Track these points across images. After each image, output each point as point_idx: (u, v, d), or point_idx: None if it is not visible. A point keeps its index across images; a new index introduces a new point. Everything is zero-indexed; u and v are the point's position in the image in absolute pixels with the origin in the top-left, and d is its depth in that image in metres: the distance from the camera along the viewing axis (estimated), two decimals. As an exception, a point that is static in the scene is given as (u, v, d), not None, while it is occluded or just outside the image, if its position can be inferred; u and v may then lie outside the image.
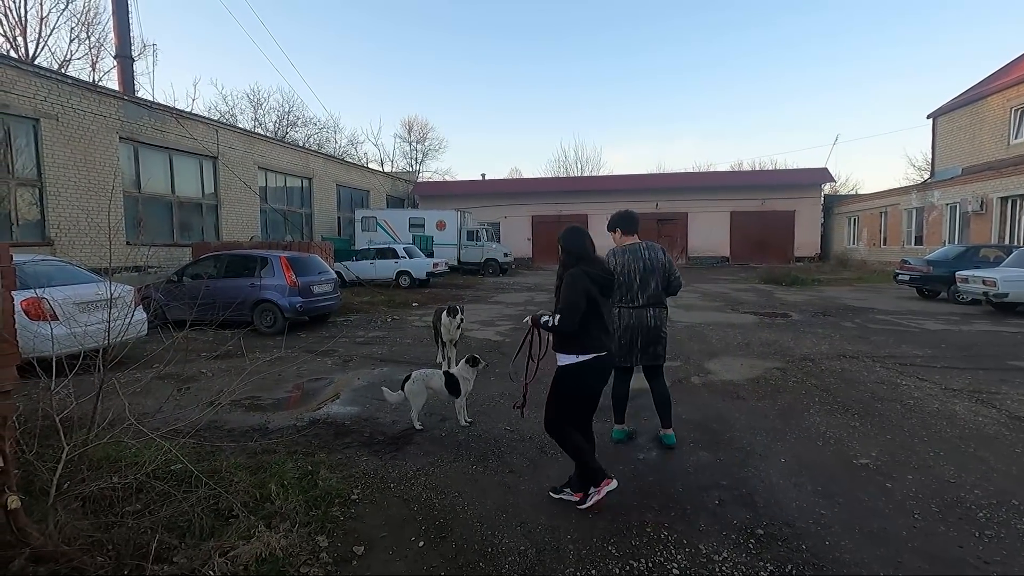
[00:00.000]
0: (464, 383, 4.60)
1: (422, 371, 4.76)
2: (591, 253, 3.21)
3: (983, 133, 20.65)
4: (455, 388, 4.58)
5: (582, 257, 3.17)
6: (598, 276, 3.14)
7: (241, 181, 17.48)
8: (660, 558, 2.72)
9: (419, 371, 4.74)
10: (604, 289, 3.19)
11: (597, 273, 3.14)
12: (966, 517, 3.07)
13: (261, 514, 3.00)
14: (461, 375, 4.62)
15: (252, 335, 8.93)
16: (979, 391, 5.58)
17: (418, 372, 4.72)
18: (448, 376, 4.64)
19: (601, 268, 3.20)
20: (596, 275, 3.13)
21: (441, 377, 4.64)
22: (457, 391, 4.58)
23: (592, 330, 3.13)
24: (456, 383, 4.58)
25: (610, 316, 3.30)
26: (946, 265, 13.32)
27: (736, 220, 29.64)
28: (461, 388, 4.58)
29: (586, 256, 3.18)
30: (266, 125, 35.20)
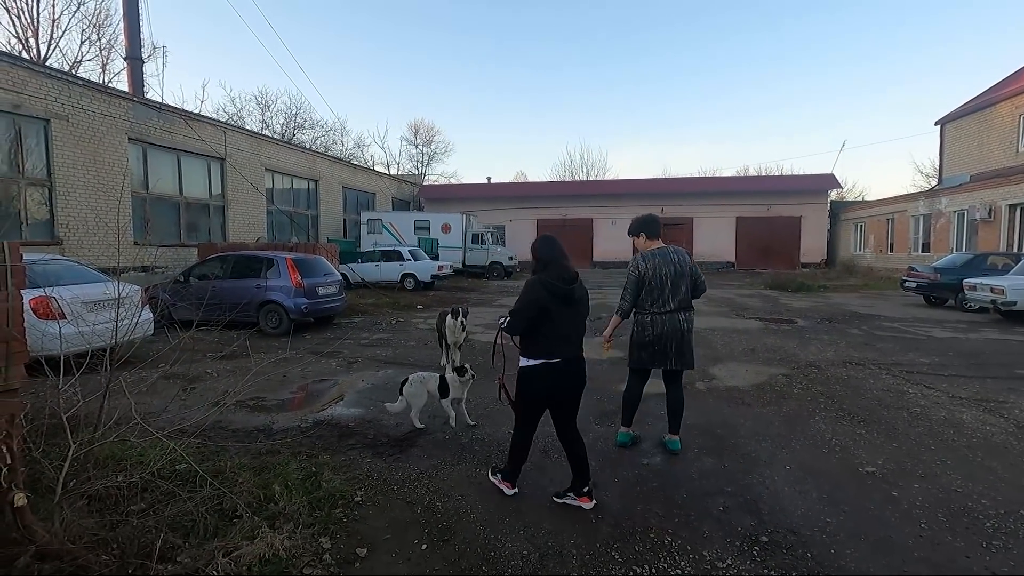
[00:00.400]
0: (453, 388, 4.66)
1: (419, 374, 4.81)
2: (560, 261, 3.25)
3: (991, 140, 20.55)
4: (444, 390, 4.67)
5: (548, 265, 3.23)
6: (554, 286, 3.17)
7: (248, 182, 17.58)
8: (664, 564, 2.70)
9: (416, 374, 4.80)
10: (560, 299, 3.18)
11: (553, 283, 3.17)
12: (973, 527, 3.04)
13: (265, 515, 3.01)
14: (451, 380, 4.71)
15: (257, 336, 8.94)
16: (987, 400, 5.53)
17: (415, 375, 4.77)
18: (442, 378, 4.73)
19: (561, 277, 3.20)
20: (552, 284, 3.17)
21: (437, 380, 4.72)
22: (446, 392, 4.66)
23: (541, 337, 3.19)
24: (447, 386, 4.68)
25: (571, 323, 3.25)
26: (954, 272, 13.24)
27: (742, 225, 29.55)
28: (450, 392, 4.66)
29: (552, 264, 3.23)
30: (273, 127, 35.43)
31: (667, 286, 3.97)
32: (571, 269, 3.27)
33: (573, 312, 3.26)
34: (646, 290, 4.00)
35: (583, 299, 3.32)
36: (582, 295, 3.31)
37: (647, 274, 3.98)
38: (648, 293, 3.98)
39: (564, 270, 3.24)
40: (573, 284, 3.23)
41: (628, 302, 4.09)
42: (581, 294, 3.30)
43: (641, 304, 4.06)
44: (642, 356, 4.10)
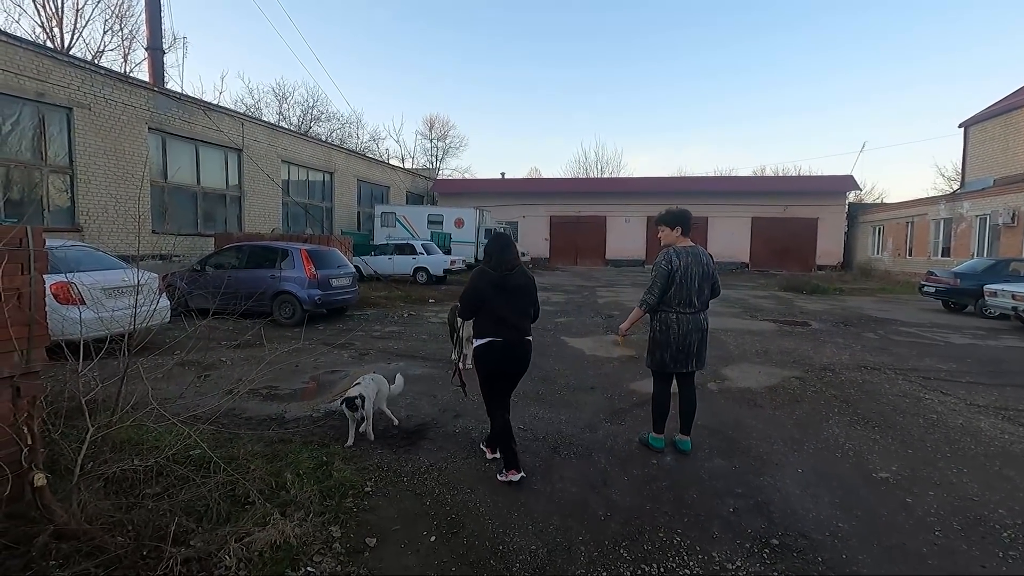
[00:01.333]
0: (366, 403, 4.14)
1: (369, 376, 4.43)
2: (500, 254, 3.62)
3: (1017, 144, 20.11)
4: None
5: (491, 257, 3.64)
6: (488, 274, 3.59)
7: (264, 174, 17.72)
8: (672, 563, 2.69)
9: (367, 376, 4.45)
10: (496, 286, 3.56)
11: (488, 271, 3.60)
12: (990, 536, 2.99)
13: (276, 502, 3.04)
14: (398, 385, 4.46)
15: (271, 326, 9.03)
16: (1006, 408, 5.43)
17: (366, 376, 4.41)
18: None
19: (498, 267, 3.59)
20: (487, 273, 3.60)
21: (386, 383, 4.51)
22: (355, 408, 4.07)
23: (483, 320, 3.62)
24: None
25: (507, 308, 3.57)
26: (974, 278, 12.99)
27: (757, 226, 29.25)
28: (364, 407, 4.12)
29: (494, 256, 3.63)
30: (290, 119, 35.67)
31: (695, 286, 3.90)
32: (511, 261, 3.62)
33: (508, 297, 3.59)
34: (675, 287, 3.90)
35: (522, 287, 3.64)
36: (521, 283, 3.63)
37: (679, 271, 3.88)
38: (677, 291, 3.89)
39: (502, 262, 3.61)
40: (508, 272, 3.58)
41: (655, 296, 3.94)
42: (519, 282, 3.62)
43: (667, 301, 3.95)
44: (664, 358, 3.98)
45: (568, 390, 5.82)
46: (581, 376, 6.42)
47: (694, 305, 3.92)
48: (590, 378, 6.34)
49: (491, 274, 3.58)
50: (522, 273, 3.67)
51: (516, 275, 3.62)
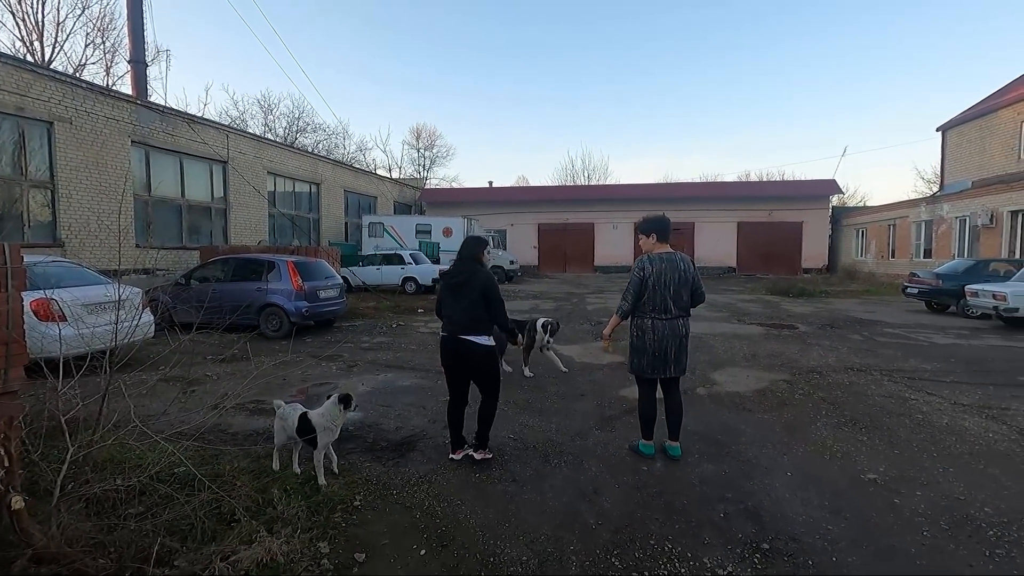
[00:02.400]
0: (324, 433, 3.53)
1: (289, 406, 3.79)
2: (459, 256, 4.09)
3: (993, 146, 20.55)
4: (309, 434, 3.54)
5: (461, 259, 4.06)
6: (448, 276, 4.08)
7: (250, 186, 17.60)
8: (663, 571, 2.69)
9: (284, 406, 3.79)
10: (448, 287, 4.02)
11: (444, 273, 4.19)
12: (976, 535, 3.02)
13: (263, 519, 2.99)
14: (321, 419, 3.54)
15: (258, 339, 8.94)
16: (989, 407, 5.51)
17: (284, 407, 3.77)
18: (303, 420, 3.60)
19: (457, 270, 4.02)
20: (448, 275, 4.09)
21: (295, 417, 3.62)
22: (313, 440, 3.54)
23: (442, 316, 4.07)
24: (309, 428, 3.54)
25: (452, 306, 3.95)
26: (955, 279, 13.21)
27: (743, 230, 29.54)
28: (319, 439, 3.53)
29: (463, 258, 4.04)
30: (276, 130, 35.53)
31: (670, 292, 3.92)
32: (462, 264, 4.00)
33: (456, 298, 3.93)
34: (648, 293, 3.93)
35: (466, 287, 3.89)
36: (465, 283, 3.90)
37: (651, 277, 3.92)
38: (651, 296, 3.92)
39: (455, 264, 4.07)
40: (455, 277, 3.97)
41: (628, 303, 4.00)
42: (462, 282, 3.91)
43: (642, 307, 3.98)
44: (642, 363, 4.02)
45: (558, 398, 5.81)
46: (571, 384, 6.42)
47: (670, 311, 3.94)
48: (580, 385, 6.34)
49: (444, 276, 4.16)
50: (476, 275, 3.91)
51: (462, 277, 3.93)
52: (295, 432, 3.60)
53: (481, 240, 4.15)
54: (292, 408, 3.74)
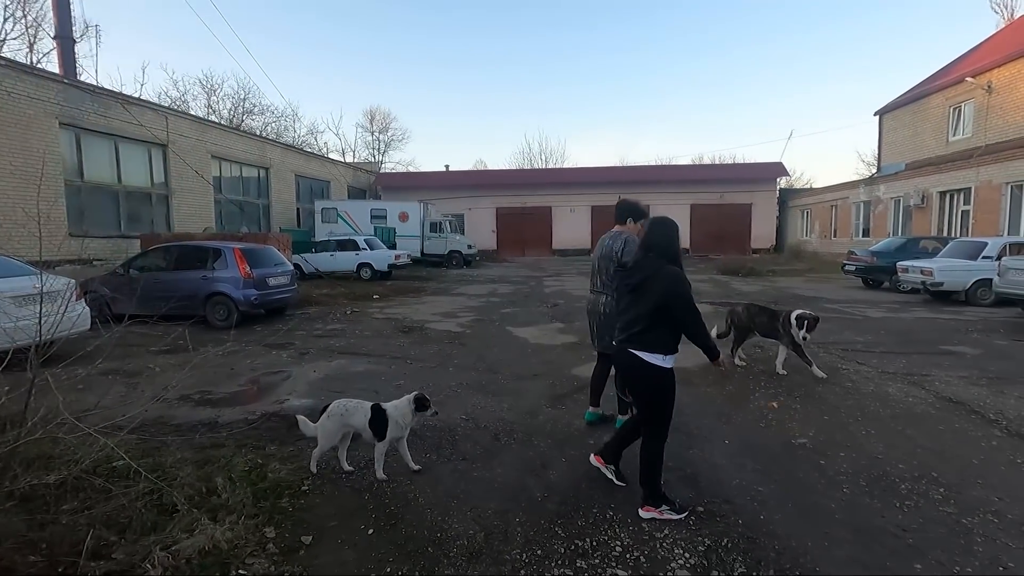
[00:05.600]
0: (394, 427, 3.48)
1: (342, 402, 3.59)
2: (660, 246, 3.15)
3: (925, 130, 21.69)
4: (381, 428, 3.47)
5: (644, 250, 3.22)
6: (624, 273, 3.38)
7: (193, 170, 16.86)
8: (604, 537, 2.81)
9: (339, 402, 3.59)
10: (628, 287, 3.22)
11: (625, 269, 3.45)
12: (890, 490, 3.27)
13: (206, 508, 2.95)
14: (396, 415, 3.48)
15: (204, 329, 8.68)
16: (912, 374, 5.91)
17: (338, 402, 3.58)
18: (377, 412, 3.49)
19: (636, 266, 3.22)
20: (624, 271, 3.42)
21: (367, 412, 3.50)
22: (382, 433, 3.47)
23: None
24: (384, 422, 3.47)
25: (624, 310, 3.25)
26: (889, 256, 14.00)
27: (696, 212, 30.30)
28: (388, 432, 3.47)
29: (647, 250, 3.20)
30: (220, 112, 34.02)
31: (594, 268, 4.26)
32: (644, 258, 3.16)
33: (634, 300, 3.18)
34: (591, 270, 4.31)
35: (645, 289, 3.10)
36: (642, 283, 3.11)
37: (593, 255, 4.29)
38: (591, 274, 4.31)
39: (636, 257, 3.31)
40: (631, 275, 3.20)
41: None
42: (639, 282, 3.13)
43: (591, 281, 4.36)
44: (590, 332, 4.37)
45: (512, 378, 5.90)
46: (525, 364, 6.52)
47: (594, 287, 4.25)
48: (534, 366, 6.44)
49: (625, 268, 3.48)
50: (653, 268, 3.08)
51: (634, 271, 3.20)
52: (368, 424, 3.47)
53: (671, 225, 3.19)
54: (358, 403, 3.59)
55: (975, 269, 11.27)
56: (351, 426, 3.52)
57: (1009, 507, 3.05)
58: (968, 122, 19.48)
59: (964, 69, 19.95)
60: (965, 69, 19.83)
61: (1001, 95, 17.85)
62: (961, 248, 12.32)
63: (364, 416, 3.48)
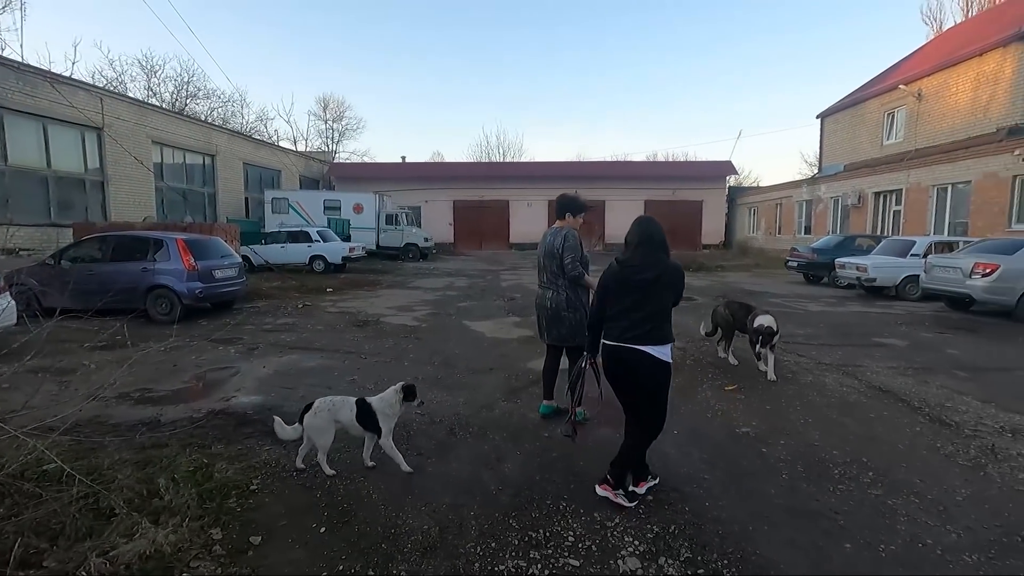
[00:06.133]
0: (384, 419, 3.45)
1: (329, 399, 3.55)
2: (661, 243, 3.18)
3: (862, 134, 22.89)
4: (371, 421, 3.44)
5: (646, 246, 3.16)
6: (630, 269, 3.15)
7: (131, 156, 15.96)
8: (558, 527, 2.86)
9: (325, 399, 3.54)
10: (636, 283, 3.09)
11: (629, 265, 3.16)
12: (824, 474, 3.47)
13: (147, 511, 2.84)
14: (383, 407, 3.47)
15: (145, 323, 8.28)
16: (846, 365, 6.27)
17: (324, 400, 3.52)
18: (362, 406, 3.48)
19: (644, 262, 3.12)
20: (629, 267, 3.16)
21: (352, 407, 3.48)
22: (374, 427, 3.45)
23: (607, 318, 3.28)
24: (372, 415, 3.44)
25: (631, 307, 3.06)
26: (827, 253, 14.73)
27: (650, 208, 30.86)
28: (381, 424, 3.44)
29: (651, 247, 3.17)
30: (161, 95, 32.25)
31: (538, 263, 4.36)
32: (651, 254, 3.11)
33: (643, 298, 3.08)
34: (537, 266, 4.42)
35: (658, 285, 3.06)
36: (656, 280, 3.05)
37: (538, 251, 4.38)
38: (537, 269, 4.41)
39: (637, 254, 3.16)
40: (642, 271, 3.08)
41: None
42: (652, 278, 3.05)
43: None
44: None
45: (467, 372, 5.90)
46: (481, 358, 6.53)
47: (541, 282, 4.34)
48: (490, 360, 6.46)
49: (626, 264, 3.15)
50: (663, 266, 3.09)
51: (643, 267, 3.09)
52: (356, 419, 3.41)
53: (656, 221, 3.28)
54: (342, 399, 3.51)
55: (904, 266, 12.02)
56: (339, 422, 3.47)
57: (929, 488, 3.29)
58: (901, 127, 20.68)
59: (898, 77, 21.14)
60: (899, 77, 21.01)
61: (930, 103, 19.03)
62: (892, 246, 13.10)
63: (350, 411, 3.45)
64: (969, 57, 17.30)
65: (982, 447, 3.91)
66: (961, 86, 17.71)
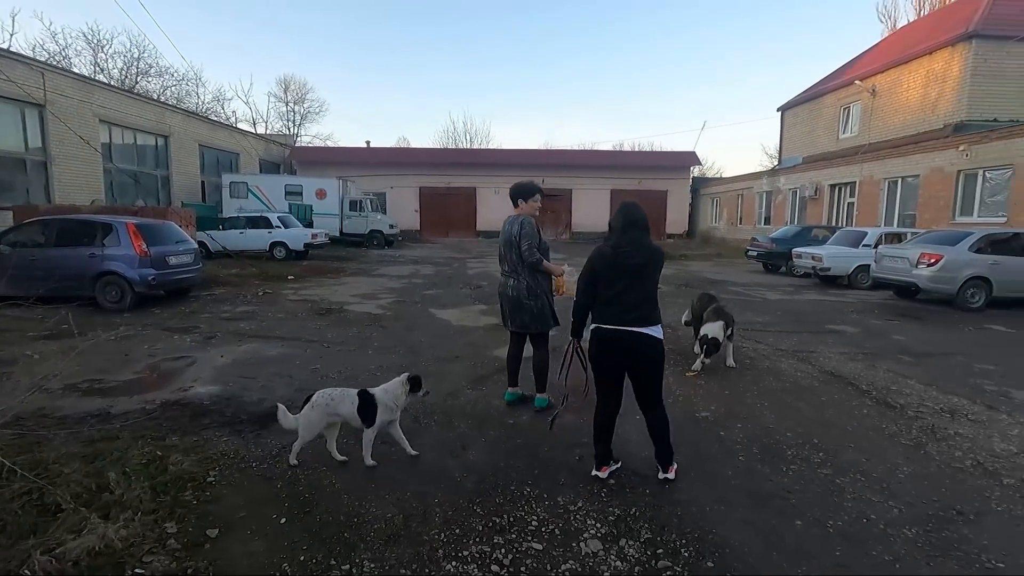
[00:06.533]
0: (384, 411, 3.41)
1: (327, 391, 3.43)
2: (645, 227, 3.23)
3: (819, 127, 23.60)
4: (370, 413, 3.38)
5: (635, 231, 3.19)
6: (622, 253, 3.16)
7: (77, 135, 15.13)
8: (521, 512, 2.89)
9: (324, 391, 3.43)
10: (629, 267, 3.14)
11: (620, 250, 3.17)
12: (778, 456, 3.60)
13: (96, 506, 2.73)
14: (386, 398, 3.42)
15: (94, 312, 7.92)
16: (801, 351, 6.50)
17: (323, 392, 3.41)
18: (365, 398, 3.40)
19: (634, 247, 3.16)
20: (620, 251, 3.17)
21: (353, 400, 3.39)
22: (371, 419, 3.38)
23: (600, 301, 3.31)
24: (373, 407, 3.38)
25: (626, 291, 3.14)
26: (786, 243, 15.21)
27: (616, 198, 31.15)
28: (378, 416, 3.39)
29: (639, 230, 3.20)
30: (110, 72, 30.63)
31: (500, 252, 4.38)
32: (640, 238, 3.19)
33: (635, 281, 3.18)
34: (499, 255, 4.45)
35: (649, 268, 3.20)
36: (647, 264, 3.18)
37: (499, 239, 4.41)
38: (499, 257, 4.43)
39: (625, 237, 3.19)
40: (634, 256, 3.16)
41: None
42: (644, 262, 3.16)
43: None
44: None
45: (433, 360, 5.87)
46: (447, 346, 6.51)
47: (504, 269, 4.36)
48: (456, 348, 6.44)
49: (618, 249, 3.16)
50: (651, 250, 3.21)
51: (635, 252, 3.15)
52: (357, 412, 3.35)
53: (643, 209, 3.31)
54: (343, 391, 3.44)
55: (857, 256, 12.51)
56: (339, 415, 3.40)
57: (874, 466, 3.46)
58: (855, 122, 21.40)
59: (854, 72, 21.82)
60: (855, 72, 21.69)
61: (883, 98, 19.74)
62: (846, 237, 13.61)
63: (351, 404, 3.38)
64: (920, 55, 17.98)
65: (923, 427, 4.13)
66: (912, 83, 18.42)
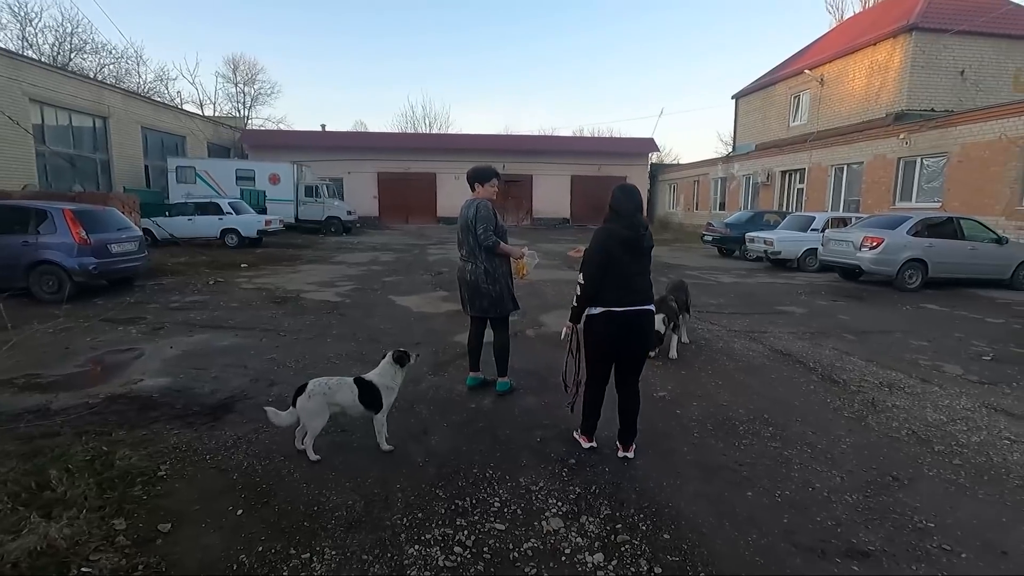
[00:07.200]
0: (387, 392, 3.40)
1: (322, 380, 3.35)
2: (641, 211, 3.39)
3: (771, 115, 24.29)
4: (374, 400, 3.34)
5: (636, 214, 3.33)
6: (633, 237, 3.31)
7: (4, 115, 14.11)
8: (484, 494, 2.91)
9: (318, 380, 3.34)
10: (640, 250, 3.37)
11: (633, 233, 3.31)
12: (731, 432, 3.75)
13: (36, 504, 2.60)
14: (382, 381, 3.41)
15: (28, 303, 7.47)
16: (753, 331, 6.75)
17: (317, 381, 3.33)
18: (364, 385, 3.35)
19: (639, 230, 3.33)
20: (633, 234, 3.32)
21: (352, 387, 3.33)
22: (377, 403, 3.35)
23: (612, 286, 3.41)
24: (375, 393, 3.35)
25: (637, 272, 3.34)
26: (739, 228, 15.67)
27: (576, 184, 31.46)
28: (384, 400, 3.37)
29: (639, 214, 3.35)
30: (40, 47, 28.62)
31: (458, 237, 4.35)
32: (642, 221, 3.40)
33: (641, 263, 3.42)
34: (457, 240, 4.42)
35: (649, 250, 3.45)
36: (650, 247, 3.46)
37: (457, 224, 4.38)
38: (457, 243, 4.41)
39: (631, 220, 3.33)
40: (645, 239, 3.38)
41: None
42: (650, 245, 3.46)
43: None
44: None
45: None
46: (407, 333, 6.45)
47: (462, 254, 4.34)
48: (416, 334, 6.39)
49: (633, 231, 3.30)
50: (648, 232, 3.43)
51: (641, 236, 3.35)
52: (359, 400, 3.30)
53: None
54: (339, 380, 3.36)
55: (805, 240, 13.02)
56: (338, 404, 3.31)
57: (819, 439, 3.64)
58: (805, 110, 22.13)
59: (804, 62, 22.51)
60: (805, 62, 22.38)
61: (831, 87, 20.46)
62: (796, 222, 14.14)
63: (351, 392, 3.31)
64: (864, 46, 18.69)
65: (864, 401, 4.37)
66: (857, 73, 19.15)
